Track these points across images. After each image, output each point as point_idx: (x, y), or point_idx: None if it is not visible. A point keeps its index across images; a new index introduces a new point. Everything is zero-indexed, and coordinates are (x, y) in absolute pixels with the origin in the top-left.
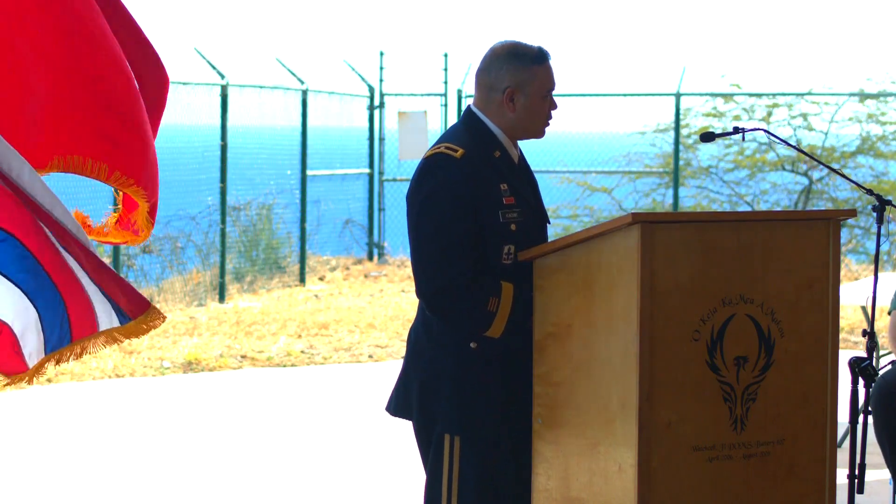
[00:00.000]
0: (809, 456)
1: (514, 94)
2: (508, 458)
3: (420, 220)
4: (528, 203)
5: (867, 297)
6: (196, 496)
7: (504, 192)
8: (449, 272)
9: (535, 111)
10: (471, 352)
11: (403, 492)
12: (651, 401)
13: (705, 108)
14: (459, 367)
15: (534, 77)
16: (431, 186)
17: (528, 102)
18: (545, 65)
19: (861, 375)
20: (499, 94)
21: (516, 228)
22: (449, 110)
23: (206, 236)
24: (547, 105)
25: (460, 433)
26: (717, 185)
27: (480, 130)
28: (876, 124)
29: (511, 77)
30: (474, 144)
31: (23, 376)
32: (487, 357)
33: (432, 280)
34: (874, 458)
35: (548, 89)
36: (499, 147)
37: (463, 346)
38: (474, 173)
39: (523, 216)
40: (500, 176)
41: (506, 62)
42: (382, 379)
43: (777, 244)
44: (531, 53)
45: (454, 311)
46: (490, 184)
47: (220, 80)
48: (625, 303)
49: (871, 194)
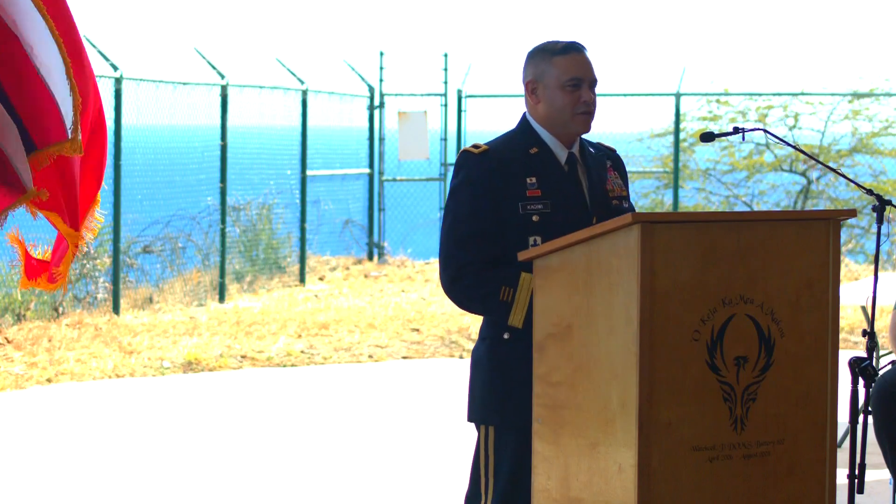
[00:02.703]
0: (809, 456)
1: (536, 87)
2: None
3: (445, 213)
4: (567, 198)
5: (867, 297)
6: (196, 496)
7: (530, 185)
8: (460, 261)
9: (555, 102)
10: (504, 342)
11: (403, 491)
12: (651, 401)
13: (701, 112)
14: (493, 357)
15: (552, 67)
16: (455, 182)
17: (548, 93)
18: (567, 55)
19: (861, 375)
20: (526, 90)
21: (539, 220)
22: (449, 110)
23: (206, 236)
24: (570, 96)
25: (494, 423)
26: (715, 186)
27: (523, 129)
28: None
29: (532, 70)
30: (507, 141)
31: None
32: (519, 347)
33: (446, 269)
34: (874, 458)
35: (568, 79)
36: (537, 144)
37: (497, 337)
38: (495, 168)
39: (552, 209)
40: (529, 170)
41: (530, 58)
42: (382, 379)
43: (777, 244)
44: (556, 47)
45: (467, 298)
46: (514, 177)
47: (220, 80)
48: (625, 303)
49: (871, 194)
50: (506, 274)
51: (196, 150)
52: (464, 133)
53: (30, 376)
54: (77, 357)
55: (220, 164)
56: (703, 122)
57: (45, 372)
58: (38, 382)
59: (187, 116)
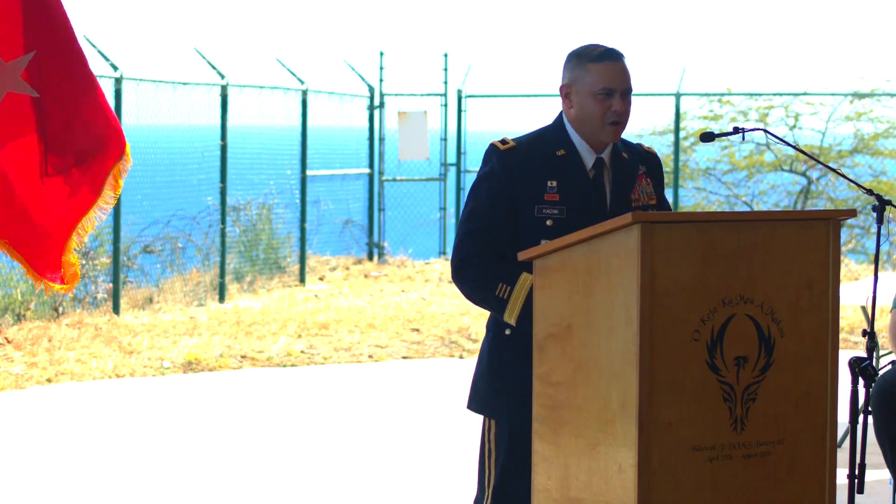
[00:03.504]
0: (809, 456)
1: (570, 92)
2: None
3: (467, 201)
4: (586, 204)
5: (867, 297)
6: (196, 496)
7: (549, 189)
8: (470, 249)
9: (586, 109)
10: (505, 337)
11: (403, 491)
12: (651, 401)
13: (702, 111)
14: (493, 352)
15: (586, 74)
16: (480, 173)
17: (579, 100)
18: (602, 63)
19: (861, 375)
20: (561, 93)
21: (553, 224)
22: (449, 110)
23: (206, 236)
24: (601, 105)
25: (494, 416)
26: (715, 186)
27: (556, 128)
28: (869, 122)
29: (568, 75)
30: (536, 139)
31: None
32: (519, 344)
33: (457, 252)
34: (874, 458)
35: (601, 88)
36: (566, 146)
37: (499, 333)
38: (517, 166)
39: (568, 214)
40: (551, 173)
41: (568, 62)
42: (382, 379)
43: (777, 244)
44: (593, 53)
45: (466, 282)
46: (535, 179)
47: (220, 80)
48: (625, 303)
49: (871, 194)
50: (507, 270)
51: (196, 150)
52: (464, 133)
53: (30, 376)
54: (77, 357)
55: (220, 164)
56: (704, 122)
57: (45, 372)
58: (38, 382)
59: (187, 116)
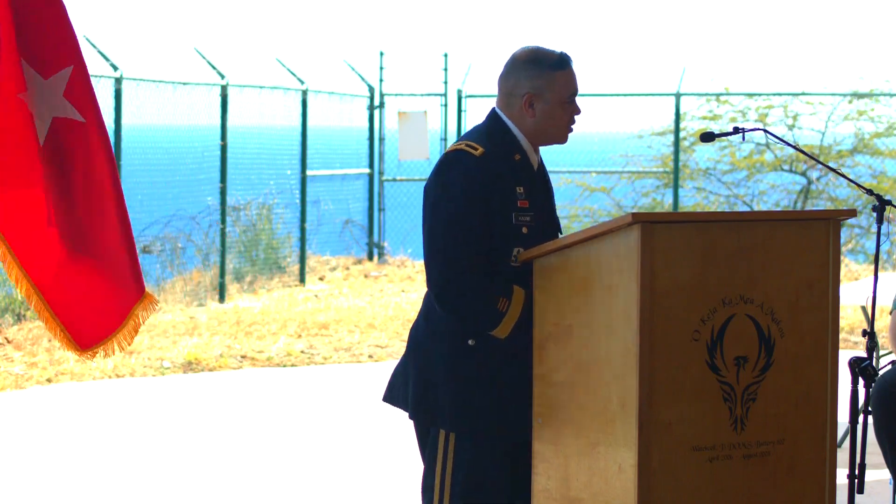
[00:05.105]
0: (809, 456)
1: (534, 100)
2: (502, 461)
3: (435, 212)
4: (542, 209)
5: (867, 297)
6: (196, 496)
7: (520, 195)
8: (459, 264)
9: (555, 117)
10: (468, 348)
11: (403, 491)
12: (651, 401)
13: (701, 111)
14: (456, 363)
15: (553, 83)
16: (449, 180)
17: (547, 108)
18: (565, 70)
19: (861, 375)
20: (519, 100)
21: (527, 231)
22: (449, 110)
23: (206, 236)
24: (568, 111)
25: (455, 430)
26: (715, 186)
27: (503, 132)
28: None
29: (530, 83)
30: (495, 145)
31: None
32: (485, 355)
33: (443, 271)
34: (874, 458)
35: (568, 95)
36: (519, 150)
37: (460, 342)
38: (492, 173)
39: (535, 221)
40: (517, 179)
41: (525, 68)
42: (382, 379)
43: (777, 244)
44: (551, 59)
45: (462, 303)
46: (507, 185)
47: (220, 80)
48: (625, 303)
49: (871, 194)
50: (502, 285)
51: (196, 150)
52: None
53: (30, 376)
54: (77, 357)
55: (220, 164)
56: (704, 122)
57: (45, 372)
58: (38, 382)
59: (187, 116)
